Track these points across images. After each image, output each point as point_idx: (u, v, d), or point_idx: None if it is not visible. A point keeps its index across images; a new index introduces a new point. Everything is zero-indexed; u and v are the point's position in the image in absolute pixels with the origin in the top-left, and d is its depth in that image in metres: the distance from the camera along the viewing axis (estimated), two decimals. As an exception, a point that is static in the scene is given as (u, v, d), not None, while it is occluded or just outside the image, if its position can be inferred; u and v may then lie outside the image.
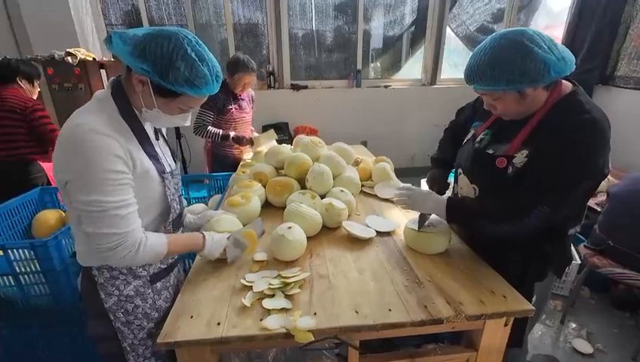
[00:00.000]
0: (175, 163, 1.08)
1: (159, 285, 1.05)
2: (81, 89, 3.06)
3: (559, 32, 3.74)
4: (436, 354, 1.04)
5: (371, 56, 4.46)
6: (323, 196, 1.56)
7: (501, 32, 0.95)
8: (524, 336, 1.17)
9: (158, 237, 0.92)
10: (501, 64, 0.92)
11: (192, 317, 0.93)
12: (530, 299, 1.05)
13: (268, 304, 0.96)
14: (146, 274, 1.01)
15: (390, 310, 0.95)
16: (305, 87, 4.14)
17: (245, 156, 2.56)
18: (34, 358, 1.57)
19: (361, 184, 1.82)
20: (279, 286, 1.02)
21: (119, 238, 0.82)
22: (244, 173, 1.88)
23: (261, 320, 0.91)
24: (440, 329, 0.95)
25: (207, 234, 1.07)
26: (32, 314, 1.45)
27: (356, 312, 0.94)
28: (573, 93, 1.00)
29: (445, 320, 0.92)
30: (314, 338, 0.87)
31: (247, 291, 1.02)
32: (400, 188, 1.28)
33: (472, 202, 1.16)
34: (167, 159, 1.03)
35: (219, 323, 0.90)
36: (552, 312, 2.16)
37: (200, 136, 2.43)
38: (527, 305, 0.97)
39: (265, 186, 1.66)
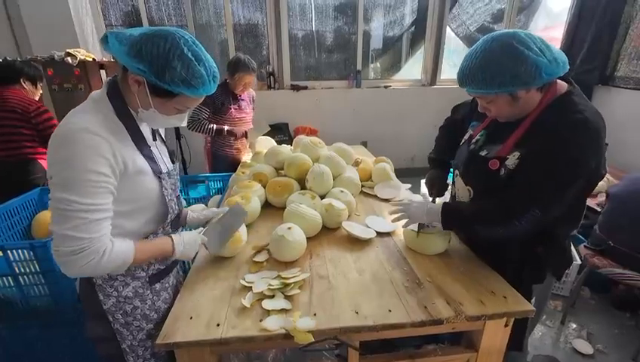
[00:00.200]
0: (174, 163, 1.07)
1: (158, 286, 1.04)
2: (81, 89, 3.05)
3: (559, 33, 3.73)
4: (436, 355, 1.04)
5: (371, 57, 4.46)
6: (323, 196, 1.56)
7: (493, 34, 0.95)
8: (524, 339, 1.17)
9: (125, 244, 0.86)
10: (492, 68, 0.92)
11: (191, 318, 0.93)
12: (529, 301, 1.05)
13: (267, 305, 0.96)
14: (145, 275, 1.00)
15: (390, 310, 0.94)
16: (305, 88, 4.14)
17: (245, 156, 2.57)
18: (33, 359, 1.56)
19: (361, 184, 1.82)
20: (279, 286, 1.02)
21: (82, 243, 0.77)
22: (243, 173, 1.88)
23: (261, 320, 0.91)
24: (440, 329, 0.95)
25: (175, 237, 1.00)
26: (31, 315, 1.45)
27: (356, 313, 0.94)
28: (567, 94, 0.98)
29: (445, 320, 0.92)
30: (314, 339, 0.87)
31: (246, 292, 1.02)
32: (393, 203, 1.28)
33: (465, 207, 1.15)
34: (164, 160, 1.02)
35: (218, 324, 0.90)
36: (553, 313, 2.16)
37: (194, 131, 2.42)
38: (527, 305, 0.97)
39: (265, 187, 1.66)
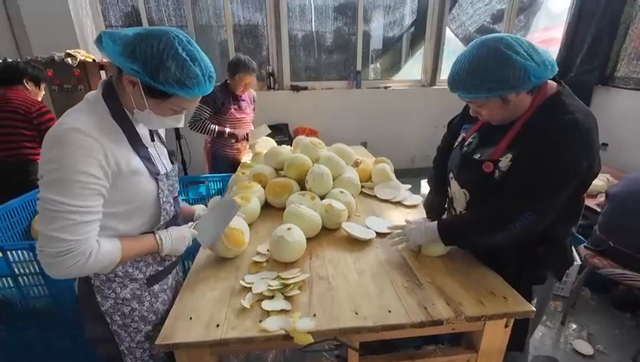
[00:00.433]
0: (173, 164, 1.06)
1: (156, 288, 1.04)
2: (81, 90, 3.06)
3: (559, 33, 3.73)
4: (436, 356, 1.04)
5: (371, 57, 4.46)
6: (323, 197, 1.56)
7: (481, 39, 0.95)
8: (525, 340, 1.16)
9: (111, 244, 0.85)
10: (480, 73, 0.92)
11: (190, 319, 0.93)
12: (530, 302, 1.05)
13: (267, 305, 0.96)
14: (143, 276, 1.00)
15: (390, 311, 0.94)
16: (305, 88, 4.13)
17: (245, 157, 2.57)
18: (33, 360, 1.56)
19: (361, 185, 1.82)
20: (279, 287, 1.02)
21: (69, 245, 0.76)
22: (243, 174, 1.88)
23: (260, 321, 0.91)
24: (440, 330, 0.95)
25: (161, 233, 0.99)
26: (30, 316, 1.45)
27: (356, 314, 0.94)
28: (557, 94, 0.99)
29: (445, 321, 0.91)
30: (313, 340, 0.87)
31: (246, 292, 1.02)
32: (390, 227, 1.29)
33: (459, 218, 1.15)
34: (162, 160, 1.01)
35: (218, 325, 0.90)
36: (553, 313, 2.16)
37: (195, 131, 2.42)
38: (527, 306, 0.97)
39: (264, 187, 1.66)
